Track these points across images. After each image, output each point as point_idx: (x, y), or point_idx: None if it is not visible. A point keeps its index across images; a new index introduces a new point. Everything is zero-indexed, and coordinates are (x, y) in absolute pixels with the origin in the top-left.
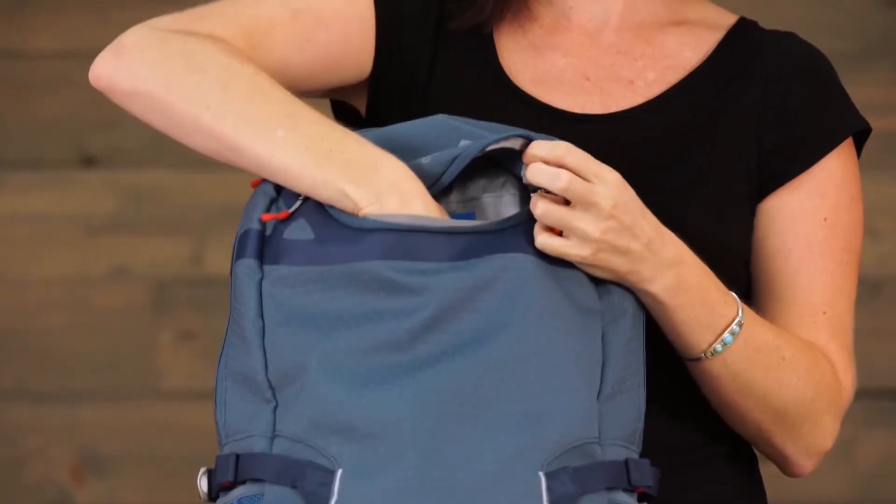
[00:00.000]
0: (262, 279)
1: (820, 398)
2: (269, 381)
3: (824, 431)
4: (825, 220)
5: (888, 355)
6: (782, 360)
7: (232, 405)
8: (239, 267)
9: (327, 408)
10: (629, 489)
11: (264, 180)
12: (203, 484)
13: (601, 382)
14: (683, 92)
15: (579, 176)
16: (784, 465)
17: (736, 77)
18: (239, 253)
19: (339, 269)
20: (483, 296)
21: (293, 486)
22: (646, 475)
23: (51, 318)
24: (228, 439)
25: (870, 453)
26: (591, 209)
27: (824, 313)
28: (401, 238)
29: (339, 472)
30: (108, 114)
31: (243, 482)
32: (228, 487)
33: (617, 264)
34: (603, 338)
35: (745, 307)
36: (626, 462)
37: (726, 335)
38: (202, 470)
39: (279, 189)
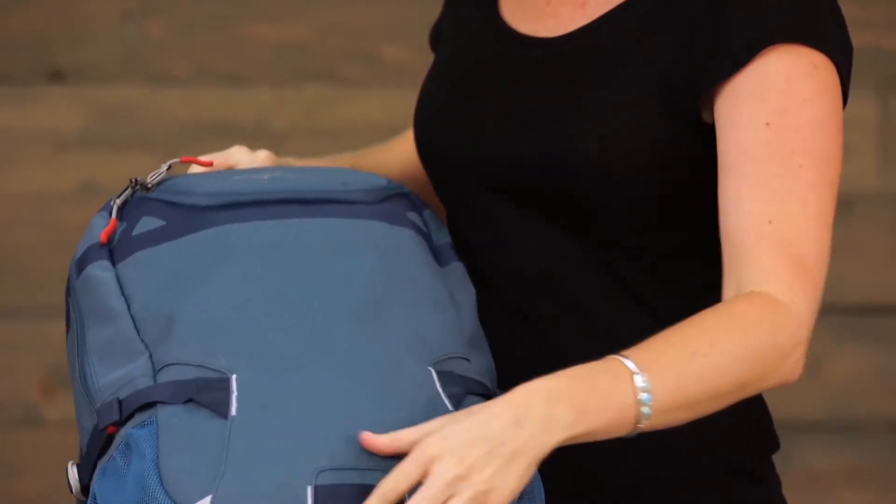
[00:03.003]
0: (117, 272)
1: (770, 348)
2: (142, 340)
3: (792, 361)
4: (767, 125)
5: (859, 272)
6: (705, 357)
7: (102, 373)
8: (89, 270)
9: (209, 329)
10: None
11: (96, 216)
12: (73, 473)
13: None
14: (630, 7)
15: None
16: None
17: None
18: (84, 264)
19: (194, 236)
20: (344, 239)
21: (188, 402)
22: None
23: (19, 234)
24: (104, 393)
25: (839, 370)
26: (448, 485)
27: (770, 223)
28: (252, 208)
29: (234, 376)
30: (77, 28)
31: (129, 418)
32: (109, 440)
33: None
34: (452, 296)
35: (633, 352)
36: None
37: (643, 397)
38: (70, 463)
39: (119, 213)
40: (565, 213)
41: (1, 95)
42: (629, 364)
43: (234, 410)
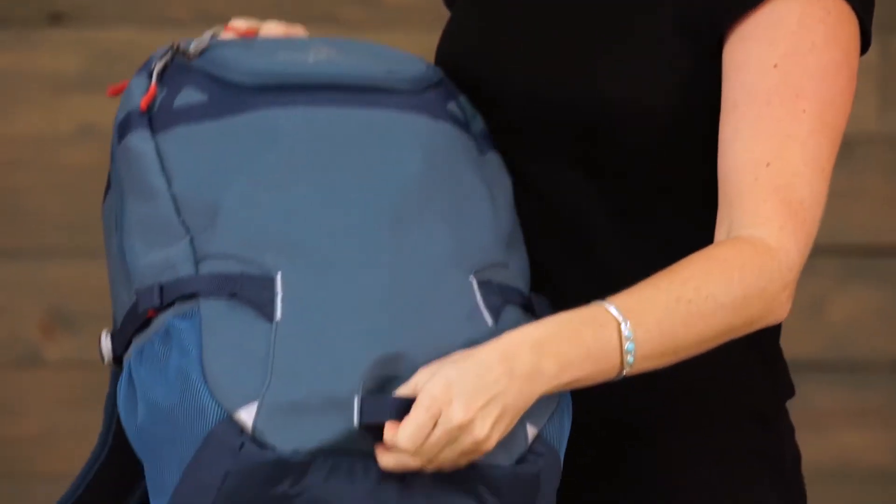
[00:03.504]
0: (157, 144)
1: (757, 293)
2: (182, 222)
3: (779, 303)
4: (775, 66)
5: (860, 213)
6: (689, 303)
7: (142, 252)
8: (130, 140)
9: (254, 223)
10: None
11: (135, 76)
12: (106, 343)
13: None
14: None
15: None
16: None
17: None
18: (125, 131)
19: (238, 118)
20: (390, 135)
21: (231, 297)
22: (544, 309)
23: (18, 175)
24: (144, 275)
25: (842, 310)
26: (450, 431)
27: (768, 165)
28: (297, 93)
29: (279, 273)
30: None
31: (170, 305)
32: (146, 324)
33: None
34: (491, 193)
35: (618, 299)
36: (529, 293)
37: (627, 346)
38: (104, 332)
39: (159, 78)
40: (591, 156)
41: (0, 38)
42: (613, 311)
43: (278, 314)
